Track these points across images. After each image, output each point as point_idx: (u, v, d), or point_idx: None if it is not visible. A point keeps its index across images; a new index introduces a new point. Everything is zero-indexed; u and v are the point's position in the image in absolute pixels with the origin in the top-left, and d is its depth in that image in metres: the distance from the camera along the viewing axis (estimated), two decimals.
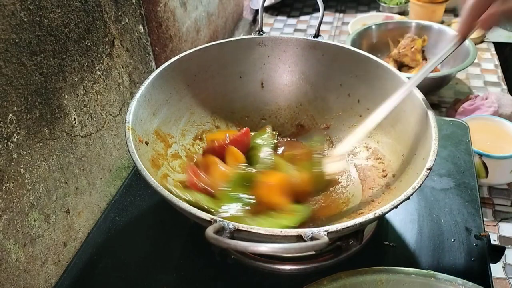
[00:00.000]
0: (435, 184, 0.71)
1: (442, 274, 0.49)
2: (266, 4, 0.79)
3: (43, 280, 0.58)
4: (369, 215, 0.44)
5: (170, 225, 0.66)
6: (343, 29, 1.54)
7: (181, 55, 0.68)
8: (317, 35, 0.73)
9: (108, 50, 0.69)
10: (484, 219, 0.70)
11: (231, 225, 0.41)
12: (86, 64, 0.63)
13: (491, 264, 0.59)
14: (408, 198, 0.46)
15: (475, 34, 1.38)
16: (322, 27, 1.39)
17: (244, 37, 0.74)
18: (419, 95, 0.60)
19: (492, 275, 0.57)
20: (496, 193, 0.91)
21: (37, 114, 0.54)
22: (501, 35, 1.40)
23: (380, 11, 1.61)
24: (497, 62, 1.31)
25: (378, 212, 0.45)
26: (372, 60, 0.68)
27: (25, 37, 0.50)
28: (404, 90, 0.59)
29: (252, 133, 0.70)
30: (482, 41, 1.38)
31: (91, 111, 0.65)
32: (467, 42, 1.16)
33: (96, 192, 0.69)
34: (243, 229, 0.41)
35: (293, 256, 0.58)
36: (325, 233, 0.40)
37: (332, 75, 0.72)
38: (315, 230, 0.40)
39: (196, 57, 0.69)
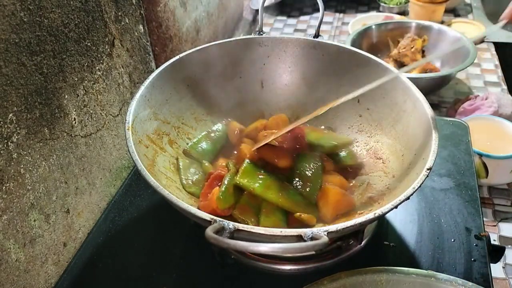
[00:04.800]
0: (435, 184, 0.71)
1: (442, 274, 0.49)
2: (266, 4, 0.79)
3: (43, 280, 0.58)
4: (369, 215, 0.44)
5: (170, 225, 0.66)
6: (343, 29, 1.54)
7: (181, 55, 0.68)
8: (317, 35, 0.73)
9: (108, 50, 0.69)
10: (484, 219, 0.70)
11: (231, 225, 0.41)
12: (86, 64, 0.63)
13: (491, 264, 0.59)
14: (408, 198, 0.46)
15: (475, 34, 1.38)
16: (322, 27, 1.39)
17: (244, 37, 0.74)
18: (419, 95, 0.60)
19: (492, 275, 0.57)
20: (496, 193, 0.91)
21: (37, 114, 0.54)
22: (501, 35, 1.40)
23: (380, 11, 1.61)
24: (497, 62, 1.31)
25: (378, 212, 0.45)
26: (372, 60, 0.68)
27: (25, 37, 0.50)
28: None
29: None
30: (482, 41, 1.38)
31: (91, 111, 0.65)
32: (467, 42, 1.16)
33: (96, 192, 0.69)
34: (243, 229, 0.41)
35: (293, 256, 0.58)
36: (325, 233, 0.40)
37: (332, 75, 0.72)
38: (315, 230, 0.40)
39: (196, 57, 0.69)
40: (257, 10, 1.49)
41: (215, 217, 0.42)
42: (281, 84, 0.76)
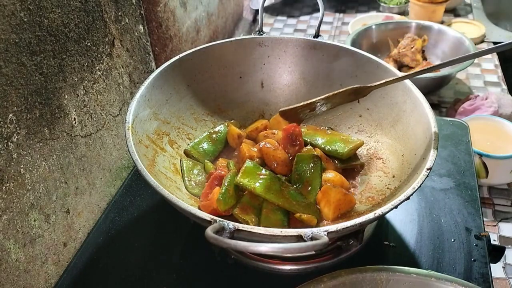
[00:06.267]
0: (435, 184, 0.71)
1: (442, 274, 0.49)
2: (266, 4, 0.79)
3: (43, 280, 0.58)
4: (369, 215, 0.44)
5: (170, 225, 0.66)
6: (343, 29, 1.54)
7: (181, 55, 0.68)
8: (317, 35, 0.73)
9: (108, 50, 0.69)
10: (484, 219, 0.70)
11: (231, 225, 0.41)
12: (86, 64, 0.63)
13: (491, 264, 0.59)
14: (408, 198, 0.46)
15: (475, 34, 1.38)
16: (322, 27, 1.39)
17: (244, 37, 0.74)
18: (419, 95, 0.60)
19: (492, 275, 0.57)
20: (496, 193, 0.91)
21: (37, 114, 0.54)
22: (501, 35, 1.40)
23: (380, 11, 1.61)
24: (497, 62, 1.31)
25: (378, 212, 0.45)
26: (372, 60, 0.68)
27: (25, 37, 0.50)
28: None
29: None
30: (482, 41, 1.38)
31: (91, 111, 0.65)
32: (467, 42, 1.16)
33: (96, 192, 0.69)
34: (243, 229, 0.41)
35: (293, 256, 0.58)
36: (325, 233, 0.40)
37: (332, 75, 0.72)
38: (315, 230, 0.40)
39: (196, 57, 0.69)
40: (257, 10, 1.49)
41: (215, 217, 0.42)
42: (281, 84, 0.76)
